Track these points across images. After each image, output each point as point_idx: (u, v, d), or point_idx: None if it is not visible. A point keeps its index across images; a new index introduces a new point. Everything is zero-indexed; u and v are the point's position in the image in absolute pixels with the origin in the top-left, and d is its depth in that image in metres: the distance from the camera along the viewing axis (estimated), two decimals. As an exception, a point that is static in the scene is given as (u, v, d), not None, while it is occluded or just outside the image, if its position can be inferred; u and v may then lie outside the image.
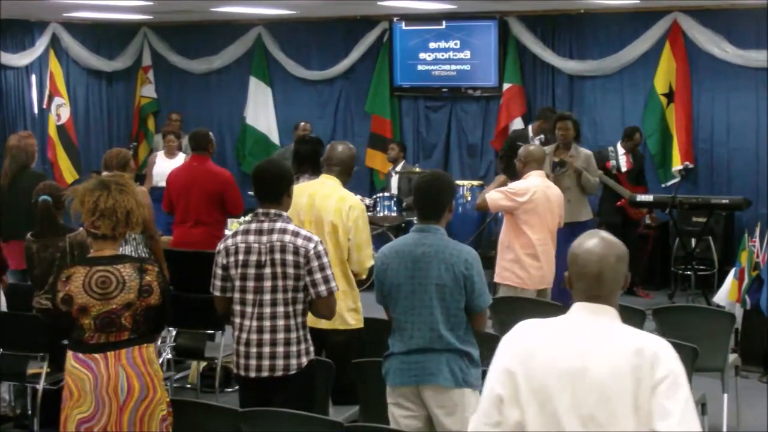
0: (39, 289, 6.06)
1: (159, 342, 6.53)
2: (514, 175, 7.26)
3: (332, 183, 5.63)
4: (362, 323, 5.62)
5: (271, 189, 4.64)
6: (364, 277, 5.74)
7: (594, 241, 2.86)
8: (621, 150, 10.08)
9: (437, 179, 4.68)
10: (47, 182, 6.50)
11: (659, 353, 2.76)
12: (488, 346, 3.76)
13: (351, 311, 5.55)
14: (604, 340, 2.79)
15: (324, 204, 5.51)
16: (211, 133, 8.13)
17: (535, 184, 6.88)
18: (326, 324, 5.19)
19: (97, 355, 4.18)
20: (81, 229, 4.88)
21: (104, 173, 6.54)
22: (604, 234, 2.93)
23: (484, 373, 3.17)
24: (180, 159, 10.33)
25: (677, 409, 2.67)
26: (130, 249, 6.71)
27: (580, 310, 2.85)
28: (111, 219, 4.20)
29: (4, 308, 6.46)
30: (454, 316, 4.46)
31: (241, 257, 4.56)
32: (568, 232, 6.53)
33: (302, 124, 11.30)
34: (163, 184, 8.21)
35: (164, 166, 9.61)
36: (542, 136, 10.18)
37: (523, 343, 2.87)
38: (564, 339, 2.82)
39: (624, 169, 10.03)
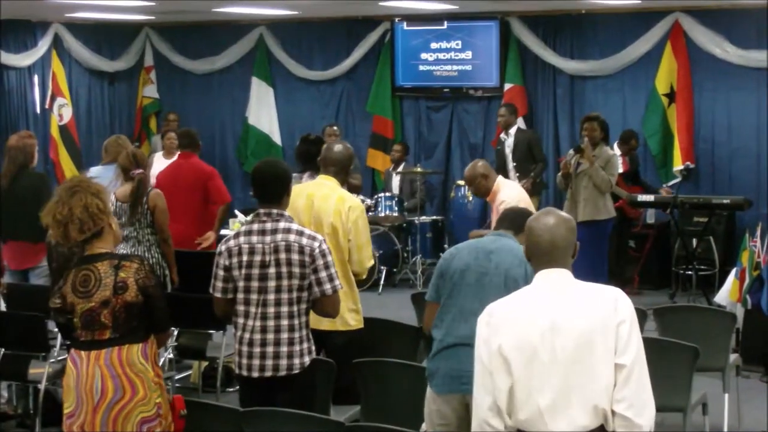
0: (55, 285, 6.05)
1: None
2: None
3: (330, 183, 5.60)
4: (362, 324, 5.61)
5: (271, 189, 4.65)
6: (364, 277, 5.73)
7: (546, 217, 3.36)
8: (618, 152, 10.09)
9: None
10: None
11: (618, 298, 3.23)
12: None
13: (351, 312, 5.54)
14: (570, 296, 3.25)
15: (323, 205, 5.48)
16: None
17: (512, 186, 6.91)
18: (327, 325, 5.18)
19: (82, 353, 4.20)
20: None
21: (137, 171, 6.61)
22: (556, 210, 3.47)
23: None
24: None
25: (633, 346, 3.16)
26: (143, 250, 6.70)
27: (543, 276, 3.31)
28: (74, 223, 4.19)
29: (2, 308, 6.47)
30: None
31: (245, 258, 4.57)
32: (586, 232, 6.47)
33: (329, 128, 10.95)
34: None
35: (162, 167, 9.34)
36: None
37: (504, 317, 3.26)
38: (538, 302, 3.25)
39: (621, 170, 10.04)
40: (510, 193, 6.81)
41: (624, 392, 3.13)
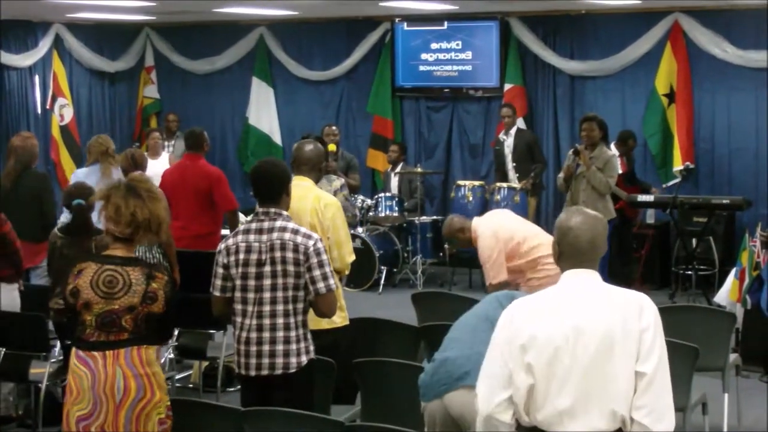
0: (55, 286, 6.07)
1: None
2: None
3: (305, 183, 5.57)
4: (347, 320, 5.61)
5: (270, 189, 4.67)
6: (347, 273, 5.69)
7: (581, 216, 3.30)
8: (616, 152, 10.09)
9: None
10: (77, 183, 6.52)
11: (643, 305, 3.18)
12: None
13: (336, 309, 5.53)
14: (596, 298, 3.19)
15: (300, 206, 5.43)
16: (205, 132, 8.17)
17: (485, 230, 6.45)
18: (313, 325, 5.18)
19: (96, 354, 4.19)
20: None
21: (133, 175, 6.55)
22: (583, 208, 3.41)
23: None
24: (164, 159, 10.28)
25: (656, 354, 3.12)
26: (144, 249, 6.71)
27: (571, 276, 3.25)
28: (147, 230, 4.24)
29: (18, 309, 6.46)
30: None
31: (241, 256, 4.58)
32: None
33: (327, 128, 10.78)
34: None
35: (150, 168, 8.83)
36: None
37: (527, 317, 3.20)
38: (564, 302, 3.19)
39: (620, 171, 10.04)
40: (484, 243, 6.40)
41: (644, 399, 3.11)
